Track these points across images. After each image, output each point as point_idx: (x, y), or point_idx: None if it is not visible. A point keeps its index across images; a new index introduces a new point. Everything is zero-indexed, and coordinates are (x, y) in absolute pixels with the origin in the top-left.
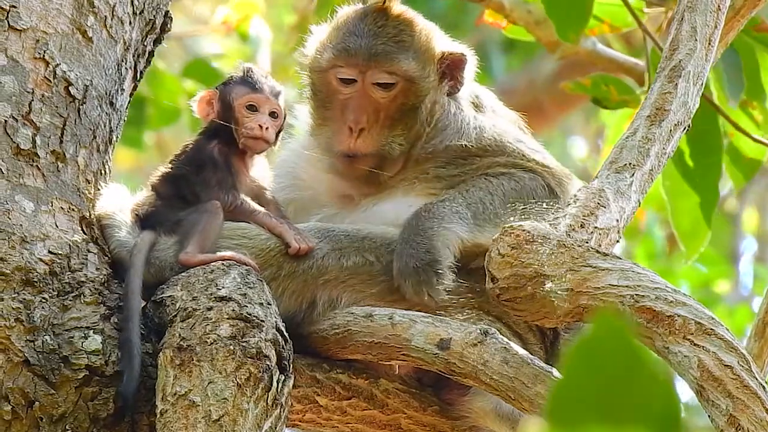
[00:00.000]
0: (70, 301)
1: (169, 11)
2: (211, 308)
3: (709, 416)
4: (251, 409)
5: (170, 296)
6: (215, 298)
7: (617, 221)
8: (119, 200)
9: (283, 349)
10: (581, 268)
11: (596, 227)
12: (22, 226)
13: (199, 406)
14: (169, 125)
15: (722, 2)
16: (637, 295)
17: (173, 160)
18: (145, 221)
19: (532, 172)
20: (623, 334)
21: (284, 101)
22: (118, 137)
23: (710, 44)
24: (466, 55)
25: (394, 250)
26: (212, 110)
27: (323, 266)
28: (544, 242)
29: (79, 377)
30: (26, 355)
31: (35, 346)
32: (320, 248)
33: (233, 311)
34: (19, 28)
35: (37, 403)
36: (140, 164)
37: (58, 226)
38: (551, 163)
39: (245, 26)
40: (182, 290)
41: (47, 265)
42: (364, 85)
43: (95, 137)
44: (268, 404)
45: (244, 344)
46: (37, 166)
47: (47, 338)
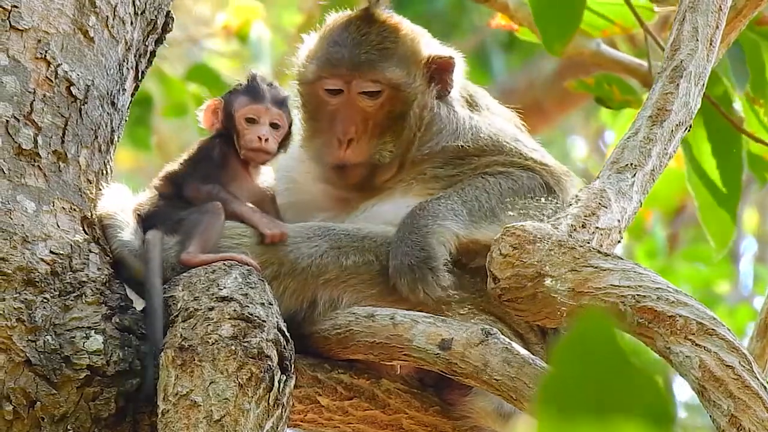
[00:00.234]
0: (71, 301)
1: (170, 11)
2: (212, 308)
3: (710, 417)
4: (253, 409)
5: (172, 296)
6: (217, 298)
7: (619, 221)
8: (121, 200)
9: (284, 349)
10: (583, 268)
11: (598, 227)
12: (23, 226)
13: (200, 406)
14: (179, 117)
15: (724, 2)
16: (638, 295)
17: (177, 160)
18: (146, 221)
19: (530, 170)
20: (609, 330)
21: (289, 108)
22: (119, 137)
23: (712, 44)
24: (453, 57)
25: None
26: (217, 120)
27: (323, 265)
28: (545, 242)
29: (80, 377)
30: (28, 355)
31: (37, 346)
32: (320, 246)
33: (235, 311)
34: (20, 28)
35: (38, 403)
36: (140, 164)
37: (59, 226)
38: (549, 161)
39: (246, 30)
40: (184, 290)
41: (49, 265)
42: (350, 95)
43: (97, 137)
44: (269, 404)
45: (245, 344)
46: (38, 166)
47: (49, 338)
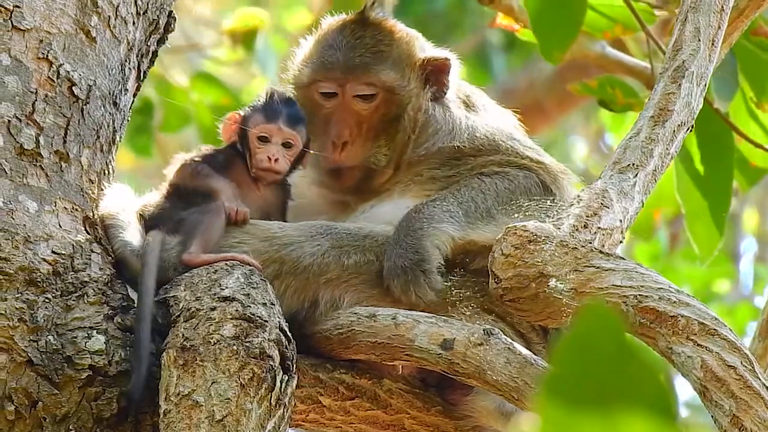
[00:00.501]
0: (73, 301)
1: (172, 11)
2: (214, 308)
3: (712, 417)
4: (254, 409)
5: (174, 296)
6: (219, 298)
7: (620, 222)
8: (123, 200)
9: (286, 349)
10: (585, 268)
11: (599, 228)
12: (25, 226)
13: (202, 406)
14: (178, 131)
15: (726, 3)
16: (640, 295)
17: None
18: (148, 221)
19: (526, 169)
20: (612, 324)
21: (305, 127)
22: (121, 137)
23: (713, 45)
24: (449, 59)
25: None
26: (234, 135)
27: (324, 264)
28: (547, 242)
29: (82, 377)
30: (29, 355)
31: (38, 346)
32: (321, 245)
33: (237, 311)
34: (22, 28)
35: (40, 403)
36: (140, 164)
37: (61, 226)
38: (546, 159)
39: (251, 39)
40: (185, 290)
41: (51, 265)
42: (344, 98)
43: (99, 137)
44: (271, 404)
45: (247, 344)
46: (40, 166)
47: (50, 338)
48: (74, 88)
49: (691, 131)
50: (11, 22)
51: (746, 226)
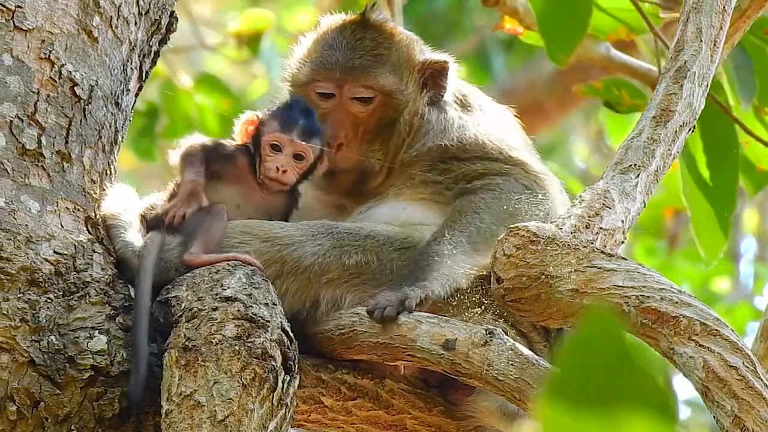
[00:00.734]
0: (75, 301)
1: (174, 11)
2: (216, 308)
3: (714, 417)
4: (256, 409)
5: (175, 296)
6: (220, 298)
7: (622, 222)
8: (125, 200)
9: (288, 349)
10: (586, 268)
11: (601, 228)
12: (27, 226)
13: (204, 406)
14: (180, 136)
15: (728, 3)
16: (642, 295)
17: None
18: (150, 221)
19: (505, 174)
20: (613, 327)
21: (321, 140)
22: (123, 137)
23: (715, 45)
24: (447, 62)
25: (396, 248)
26: (248, 137)
27: (325, 264)
28: (549, 243)
29: (84, 377)
30: (31, 355)
31: (40, 346)
32: (323, 245)
33: (238, 311)
34: (24, 28)
35: (42, 403)
36: (142, 165)
37: (63, 226)
38: (528, 159)
39: (257, 40)
40: (187, 291)
41: (52, 265)
42: (342, 99)
43: (101, 137)
44: (273, 404)
45: (249, 344)
46: (42, 166)
47: (52, 338)
48: (76, 88)
49: (692, 131)
50: (13, 22)
51: (746, 226)
